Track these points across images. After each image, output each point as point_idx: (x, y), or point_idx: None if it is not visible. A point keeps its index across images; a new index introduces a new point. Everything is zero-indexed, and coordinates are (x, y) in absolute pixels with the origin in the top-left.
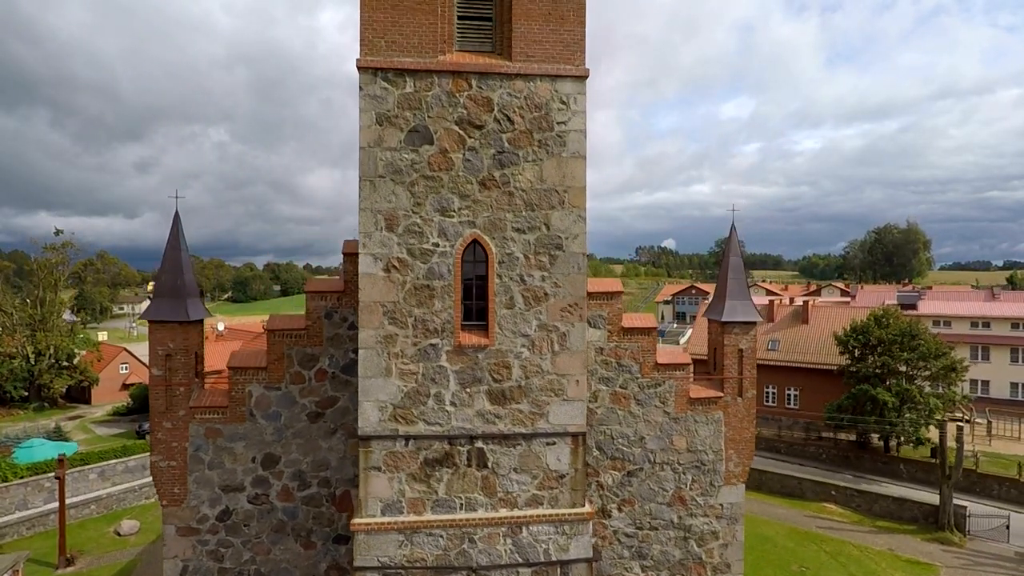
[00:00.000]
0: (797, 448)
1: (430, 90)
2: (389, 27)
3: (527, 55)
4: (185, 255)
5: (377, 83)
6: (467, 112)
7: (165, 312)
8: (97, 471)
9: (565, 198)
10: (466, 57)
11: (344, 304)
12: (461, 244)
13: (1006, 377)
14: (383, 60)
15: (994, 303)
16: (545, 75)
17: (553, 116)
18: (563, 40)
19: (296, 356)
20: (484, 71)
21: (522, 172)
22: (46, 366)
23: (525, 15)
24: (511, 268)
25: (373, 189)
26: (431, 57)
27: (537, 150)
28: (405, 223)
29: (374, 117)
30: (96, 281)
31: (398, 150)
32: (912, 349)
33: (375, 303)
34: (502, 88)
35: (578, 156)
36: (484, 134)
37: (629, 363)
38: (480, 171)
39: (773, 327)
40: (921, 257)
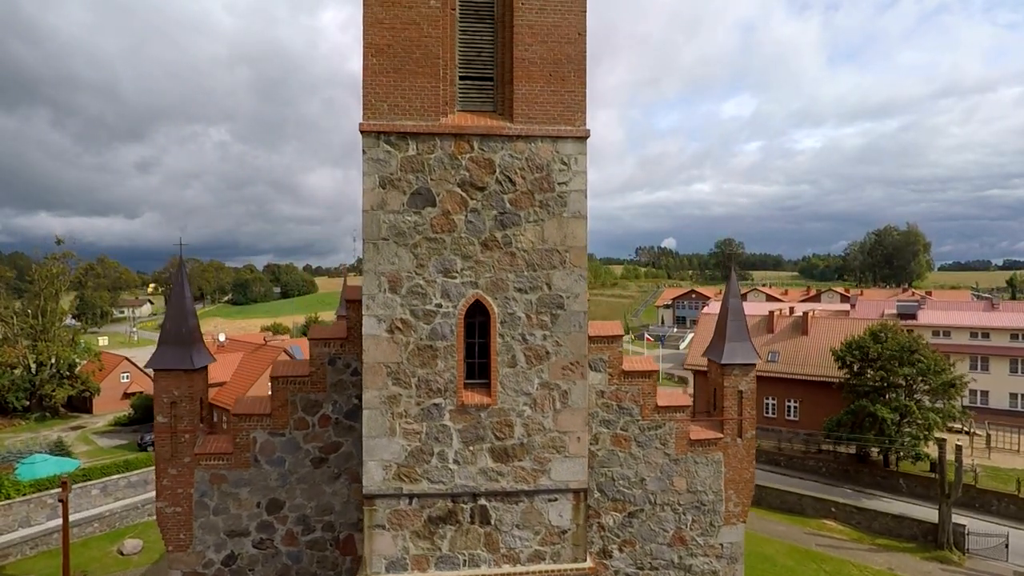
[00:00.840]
0: (797, 461)
1: (432, 152)
2: (391, 90)
3: (528, 117)
4: (190, 302)
5: (380, 146)
6: (469, 174)
7: (170, 360)
8: (99, 487)
9: (566, 258)
10: (468, 119)
11: (347, 350)
12: (464, 305)
13: (1005, 388)
14: (386, 124)
15: (993, 313)
16: (547, 136)
17: (554, 177)
18: (564, 101)
19: (300, 402)
20: (486, 133)
21: (524, 233)
22: (47, 376)
23: (527, 76)
24: (513, 328)
25: (376, 251)
26: (433, 120)
27: (539, 211)
28: (408, 284)
29: (377, 180)
30: (97, 286)
31: (401, 212)
32: (911, 364)
33: (379, 364)
34: (504, 150)
35: (579, 216)
36: (486, 195)
37: (630, 405)
38: (482, 232)
39: (773, 338)
40: (921, 259)
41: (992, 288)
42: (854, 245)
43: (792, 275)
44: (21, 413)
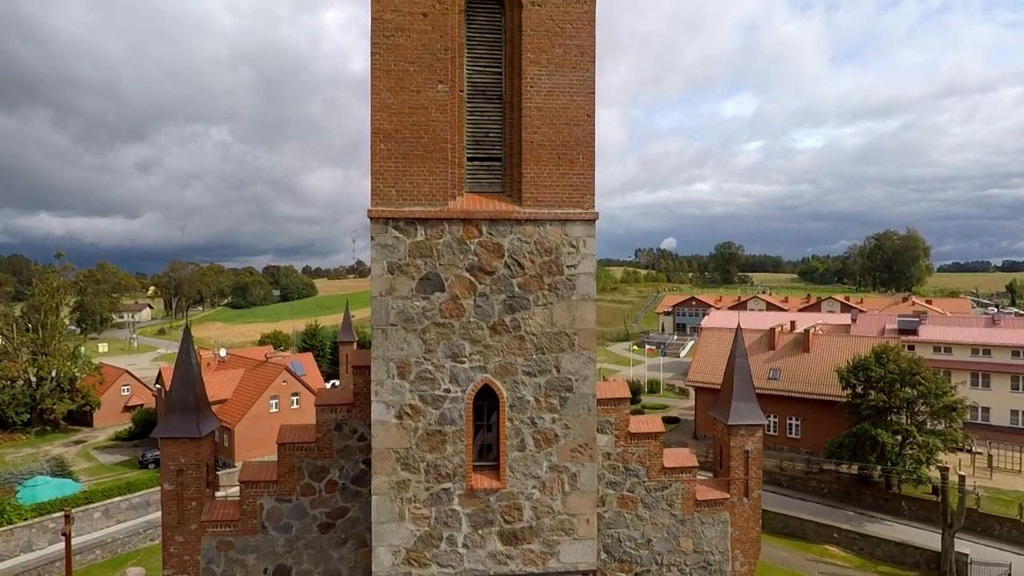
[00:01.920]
0: (799, 482)
1: (441, 237)
2: (400, 176)
3: (537, 200)
4: (196, 368)
5: (388, 232)
6: (478, 259)
7: (176, 429)
8: (101, 510)
9: (575, 340)
10: (476, 202)
11: (353, 416)
12: (472, 389)
13: (1006, 405)
14: (394, 210)
15: (994, 329)
16: (555, 220)
17: (563, 260)
18: (573, 183)
19: (307, 468)
20: (495, 218)
21: (532, 316)
22: (48, 390)
23: (535, 160)
24: (522, 411)
25: (385, 338)
26: (442, 204)
27: (547, 294)
28: (417, 370)
29: (385, 266)
30: (96, 292)
31: (409, 298)
32: (913, 386)
33: (388, 450)
34: (512, 233)
35: (588, 299)
36: (495, 280)
37: (636, 467)
38: (491, 316)
39: (774, 355)
40: (921, 264)
41: (992, 293)
42: (854, 249)
43: (792, 277)
44: (21, 427)
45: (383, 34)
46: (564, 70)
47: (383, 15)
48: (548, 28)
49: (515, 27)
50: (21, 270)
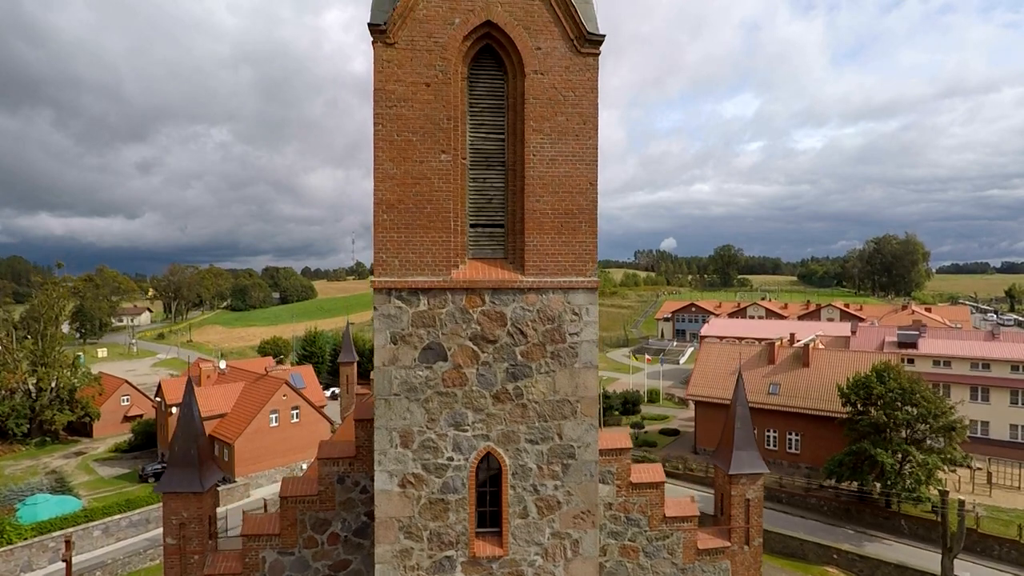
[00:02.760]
0: (799, 499)
1: (444, 307)
2: (402, 246)
3: (540, 268)
4: (198, 422)
5: (391, 303)
6: (481, 328)
7: (179, 484)
8: (101, 528)
9: (577, 408)
10: (479, 270)
11: (355, 468)
12: (475, 457)
13: (1006, 419)
14: (397, 280)
15: (994, 343)
16: (558, 288)
17: (565, 328)
18: (575, 252)
19: (309, 521)
20: (497, 287)
21: (535, 384)
22: (47, 401)
23: (538, 228)
24: (524, 479)
25: (388, 408)
26: (444, 274)
27: (550, 362)
28: (420, 439)
29: (388, 336)
30: (96, 296)
31: (412, 368)
32: (914, 404)
33: (391, 519)
34: (515, 302)
35: (590, 366)
36: (497, 349)
37: (637, 516)
38: (494, 385)
39: (774, 370)
40: (920, 268)
41: (991, 299)
42: (853, 253)
43: (791, 280)
44: (21, 439)
45: (386, 104)
46: (567, 138)
47: (386, 85)
48: (551, 96)
49: (517, 95)
50: (20, 272)
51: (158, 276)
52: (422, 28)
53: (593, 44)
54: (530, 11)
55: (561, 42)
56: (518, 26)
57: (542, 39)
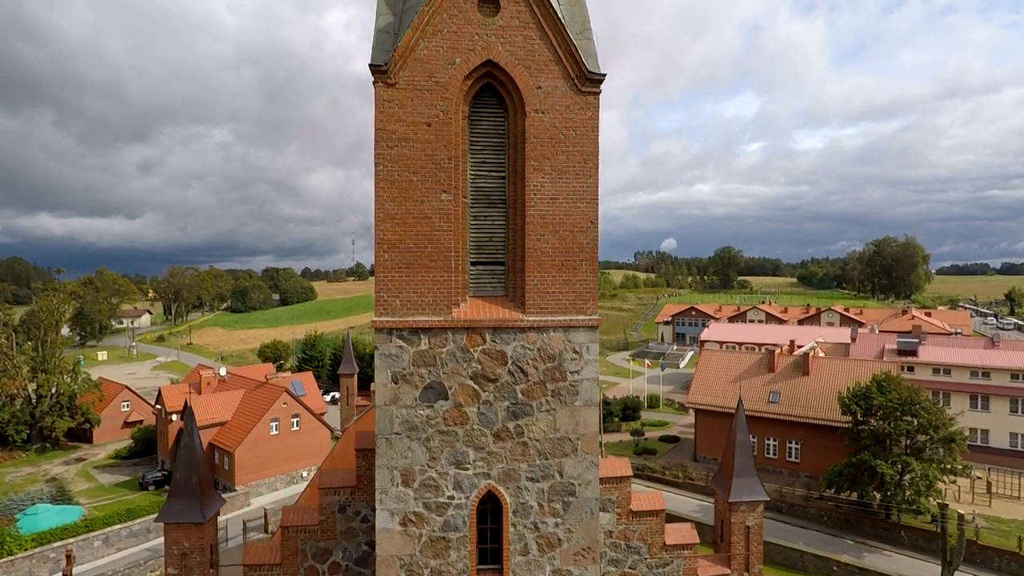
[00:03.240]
0: (799, 509)
1: (445, 346)
2: (403, 286)
3: (540, 307)
4: (199, 450)
5: (392, 342)
6: (482, 367)
7: (180, 514)
8: (101, 538)
9: (578, 445)
10: (479, 310)
11: (356, 498)
12: (476, 496)
13: (1005, 427)
14: (398, 320)
15: (993, 351)
16: (559, 327)
17: (566, 366)
18: (576, 290)
19: (310, 550)
20: (498, 326)
21: (536, 423)
22: (48, 407)
23: (538, 266)
24: (525, 516)
25: (389, 447)
26: (445, 314)
27: (550, 400)
28: (421, 478)
29: (389, 376)
30: (96, 299)
31: (413, 407)
32: (914, 415)
33: (392, 557)
34: (516, 341)
35: (590, 404)
36: (498, 387)
37: (638, 544)
38: (494, 424)
39: (774, 378)
40: (920, 271)
41: (991, 301)
42: (853, 255)
43: (791, 282)
44: (21, 445)
45: (386, 144)
46: (567, 177)
47: (387, 125)
48: (551, 136)
49: (518, 134)
50: (20, 273)
51: (158, 277)
52: (423, 68)
53: (594, 83)
54: (531, 50)
55: (562, 81)
56: (519, 65)
57: (543, 78)
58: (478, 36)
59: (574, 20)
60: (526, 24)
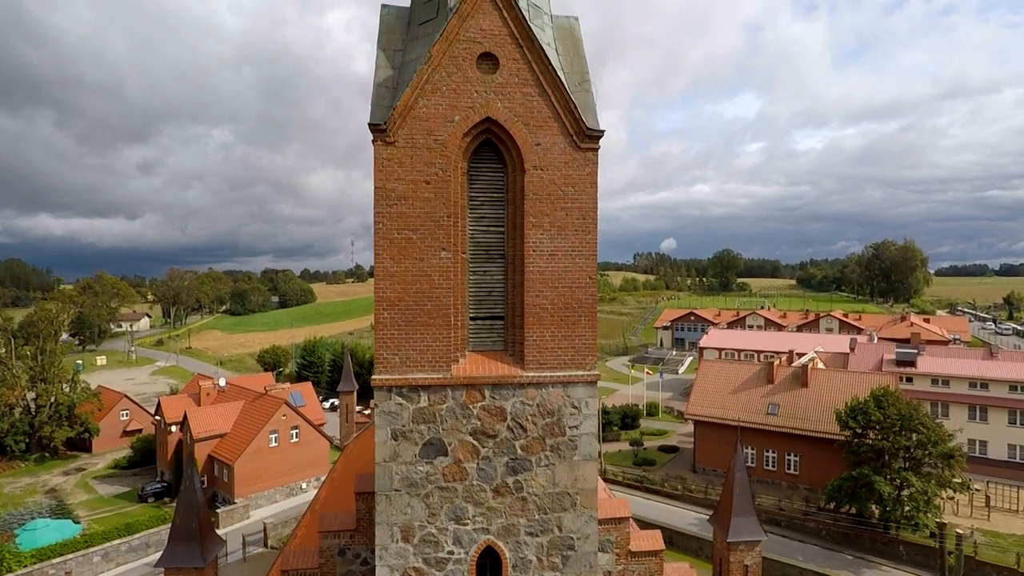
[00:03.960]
0: (797, 523)
1: (444, 403)
2: (403, 343)
3: (540, 363)
4: (199, 493)
5: (392, 399)
6: (481, 423)
7: (180, 559)
8: (100, 553)
9: (576, 500)
10: (479, 365)
11: (356, 541)
12: (476, 551)
13: (1004, 439)
14: (398, 378)
15: (992, 362)
16: (558, 382)
17: (565, 421)
18: (575, 345)
19: None
20: (497, 382)
21: (535, 478)
22: (47, 417)
23: (538, 322)
24: (524, 571)
25: (389, 503)
26: (445, 370)
27: (550, 455)
28: (421, 534)
29: (389, 433)
30: (95, 304)
31: (413, 463)
32: (913, 430)
33: None
34: (515, 397)
35: (589, 459)
36: (497, 443)
37: None
38: (494, 479)
39: (773, 389)
40: (919, 275)
41: (989, 305)
42: (852, 258)
43: (790, 284)
44: (20, 455)
45: (386, 203)
46: (566, 233)
47: (386, 184)
48: (550, 192)
49: (517, 189)
50: (19, 275)
51: (157, 278)
52: (422, 126)
53: (592, 139)
54: (530, 107)
55: (561, 138)
56: (517, 122)
57: (542, 135)
58: (477, 93)
59: (573, 71)
60: (525, 81)
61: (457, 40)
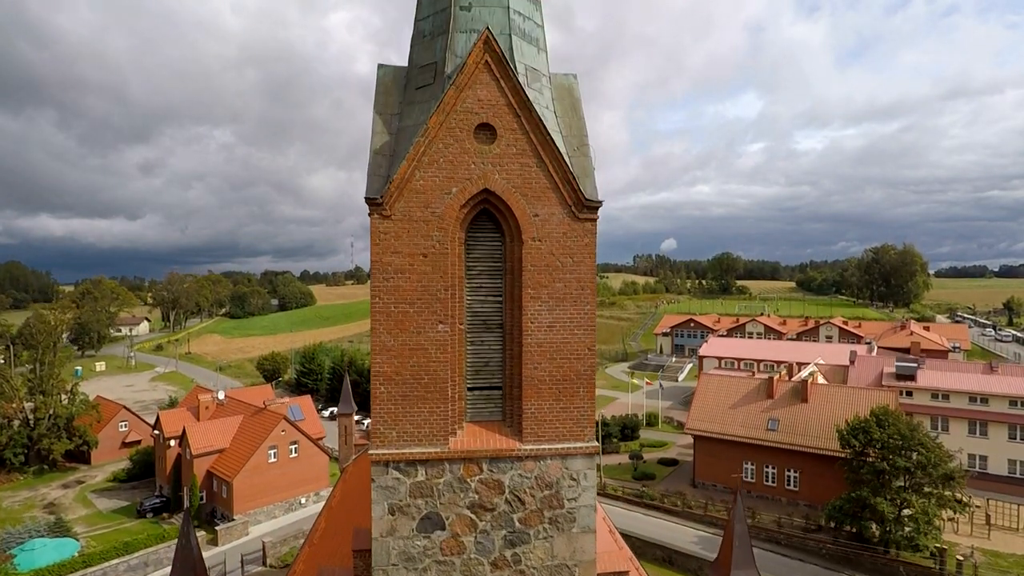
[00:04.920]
0: (797, 541)
1: (442, 477)
2: (400, 418)
3: (538, 435)
4: (196, 550)
5: (389, 474)
6: (479, 496)
7: None
8: (99, 573)
9: (575, 572)
10: (477, 438)
11: None
12: None
13: (1004, 454)
14: (395, 452)
15: (992, 377)
16: (556, 455)
17: (563, 493)
18: (573, 417)
19: None
20: (495, 456)
21: (533, 550)
22: (45, 429)
23: (536, 394)
24: None
25: None
26: (442, 444)
27: (548, 527)
28: None
29: (386, 507)
30: (94, 309)
31: (410, 538)
32: (914, 449)
33: None
34: (513, 470)
35: (588, 531)
36: (495, 516)
37: None
38: (491, 552)
39: (772, 404)
40: (918, 279)
41: (989, 311)
42: (852, 261)
43: (790, 286)
44: (19, 467)
45: (383, 277)
46: (565, 304)
47: (382, 258)
48: (548, 263)
49: (515, 260)
50: (18, 278)
51: (157, 279)
52: (419, 199)
53: (591, 210)
54: (527, 178)
55: (559, 208)
56: (515, 193)
57: (540, 206)
58: (474, 165)
59: (571, 134)
60: (523, 152)
61: (454, 111)
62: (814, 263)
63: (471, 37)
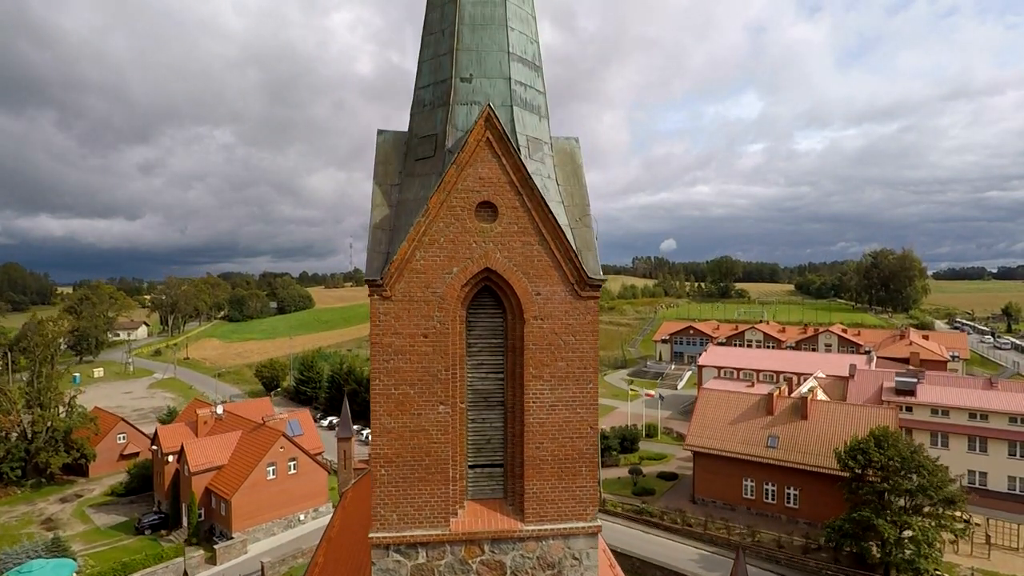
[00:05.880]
0: (797, 562)
1: (443, 558)
2: (400, 500)
3: (540, 515)
4: None
5: (390, 557)
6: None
7: None
8: None
9: None
10: (478, 518)
11: None
12: None
13: (1004, 470)
14: (395, 536)
15: (992, 393)
16: (558, 535)
17: (566, 573)
18: (576, 496)
19: None
20: (496, 537)
21: None
22: (42, 442)
23: (538, 474)
24: None
25: None
26: (443, 526)
27: None
28: None
29: None
30: (92, 315)
31: None
32: (915, 472)
33: None
34: (515, 550)
35: None
36: None
37: None
38: None
39: (772, 420)
40: (917, 284)
41: (988, 316)
42: (850, 265)
43: (789, 289)
44: (16, 481)
45: (383, 358)
46: (567, 383)
47: (382, 339)
48: (551, 342)
49: (517, 338)
50: (16, 279)
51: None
52: (419, 279)
53: (593, 288)
54: (529, 256)
55: (561, 286)
56: (517, 271)
57: (542, 284)
58: (476, 244)
59: (573, 203)
60: (524, 230)
61: (455, 189)
62: (813, 265)
63: (472, 110)
